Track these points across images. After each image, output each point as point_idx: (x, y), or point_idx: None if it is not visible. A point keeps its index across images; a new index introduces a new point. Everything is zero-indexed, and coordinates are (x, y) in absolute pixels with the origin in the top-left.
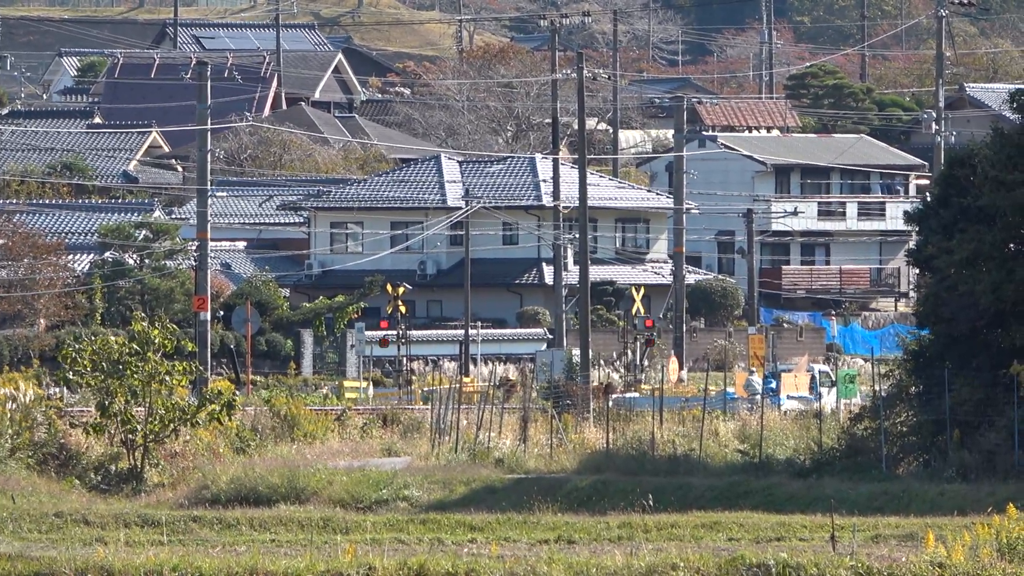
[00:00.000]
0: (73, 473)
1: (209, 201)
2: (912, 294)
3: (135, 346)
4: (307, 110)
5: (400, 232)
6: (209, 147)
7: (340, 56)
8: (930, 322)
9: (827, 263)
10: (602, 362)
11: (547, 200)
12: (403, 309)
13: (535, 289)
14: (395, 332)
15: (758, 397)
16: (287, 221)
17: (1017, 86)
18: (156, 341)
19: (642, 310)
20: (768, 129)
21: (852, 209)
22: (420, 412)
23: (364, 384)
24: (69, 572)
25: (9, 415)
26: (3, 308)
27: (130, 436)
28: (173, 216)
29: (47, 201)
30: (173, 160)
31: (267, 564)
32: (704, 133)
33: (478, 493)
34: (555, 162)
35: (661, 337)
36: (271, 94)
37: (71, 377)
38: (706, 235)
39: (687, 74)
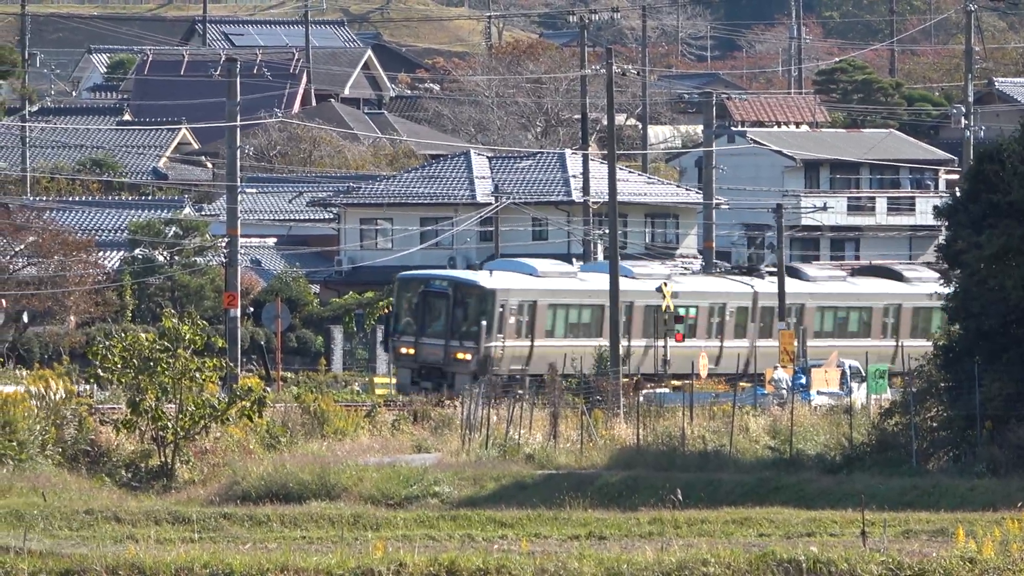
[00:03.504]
0: (104, 470)
1: (239, 198)
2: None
3: (165, 343)
4: (337, 107)
5: (430, 228)
6: (239, 144)
7: (369, 52)
8: (960, 317)
9: (857, 258)
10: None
11: (577, 196)
12: None
13: None
14: None
15: (785, 392)
16: (317, 217)
17: None
18: (186, 338)
19: (671, 306)
20: (797, 124)
21: (881, 204)
22: (450, 408)
23: (394, 380)
24: (100, 569)
25: (38, 412)
26: (34, 305)
27: (161, 433)
28: (203, 213)
29: (77, 198)
30: (203, 157)
31: (298, 561)
32: (733, 128)
33: (508, 489)
34: (584, 158)
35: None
36: (300, 91)
37: (101, 374)
38: (736, 230)
39: (716, 70)
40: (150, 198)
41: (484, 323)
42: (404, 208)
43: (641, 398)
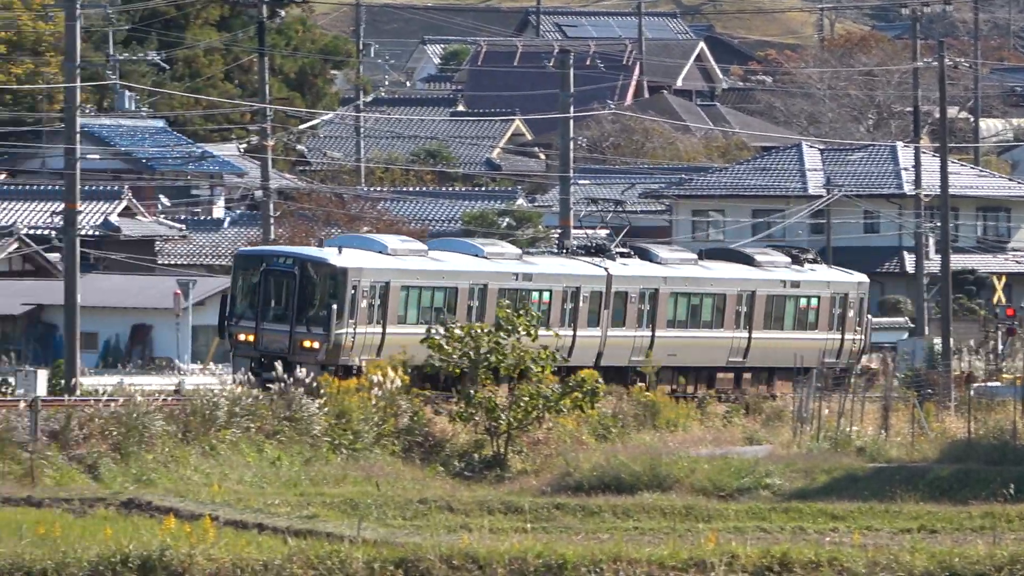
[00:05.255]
0: (437, 460)
1: (572, 189)
2: None
3: (501, 335)
4: (669, 98)
5: (761, 220)
6: (572, 135)
7: (702, 44)
8: None
9: None
10: (963, 351)
11: (908, 188)
12: None
13: (896, 278)
14: None
15: None
16: (649, 209)
17: None
18: (520, 329)
19: (1003, 299)
20: None
21: None
22: (782, 401)
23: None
24: (434, 559)
25: (375, 402)
26: None
27: (494, 424)
28: (536, 204)
29: (411, 188)
30: (536, 148)
31: (630, 552)
32: None
33: (839, 482)
34: (916, 151)
35: (1023, 326)
36: (633, 82)
37: (437, 364)
38: None
39: None
40: (483, 189)
41: (334, 307)
42: (736, 200)
43: (972, 392)
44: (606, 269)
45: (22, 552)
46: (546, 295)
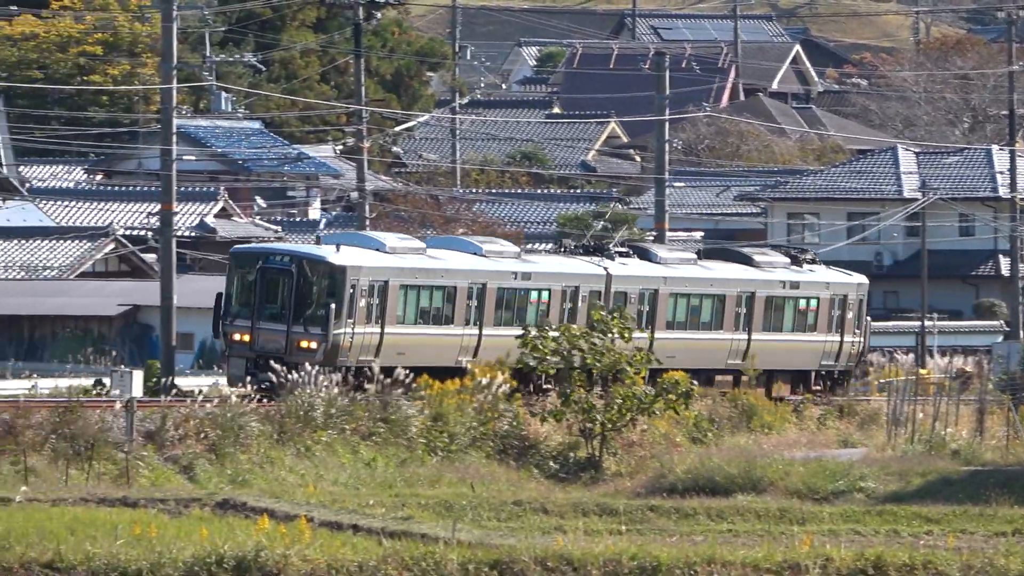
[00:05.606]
0: (532, 462)
1: (667, 191)
2: None
3: (597, 336)
4: (764, 101)
5: (856, 223)
6: (667, 137)
7: (797, 47)
8: None
9: None
10: None
11: (1003, 192)
12: None
13: (991, 281)
14: None
15: None
16: (744, 211)
17: None
18: (615, 330)
19: None
20: None
21: None
22: (876, 403)
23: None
24: (528, 560)
25: (477, 404)
26: None
27: (588, 425)
28: (631, 206)
29: (506, 190)
30: (631, 150)
31: (724, 554)
32: None
33: (934, 485)
34: (1012, 154)
35: None
36: (728, 85)
37: (532, 364)
38: None
39: None
40: (578, 191)
41: (332, 306)
42: (831, 203)
43: None
44: (605, 269)
45: (117, 552)
46: (545, 295)
